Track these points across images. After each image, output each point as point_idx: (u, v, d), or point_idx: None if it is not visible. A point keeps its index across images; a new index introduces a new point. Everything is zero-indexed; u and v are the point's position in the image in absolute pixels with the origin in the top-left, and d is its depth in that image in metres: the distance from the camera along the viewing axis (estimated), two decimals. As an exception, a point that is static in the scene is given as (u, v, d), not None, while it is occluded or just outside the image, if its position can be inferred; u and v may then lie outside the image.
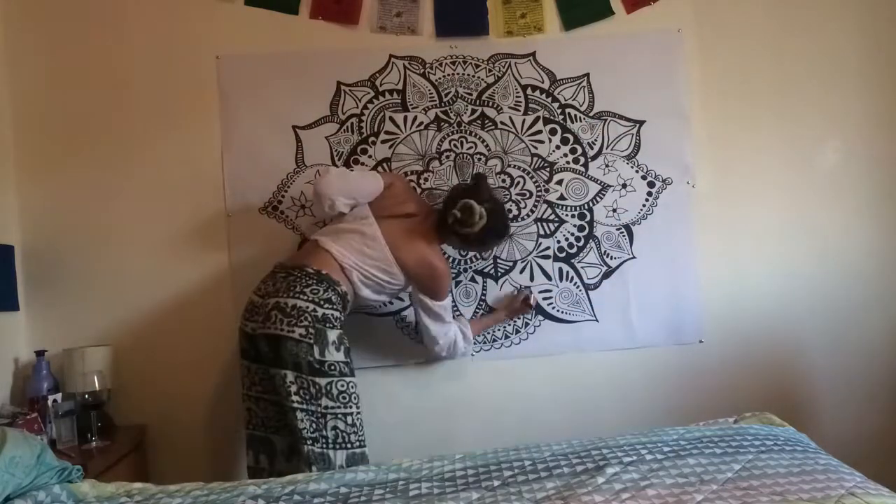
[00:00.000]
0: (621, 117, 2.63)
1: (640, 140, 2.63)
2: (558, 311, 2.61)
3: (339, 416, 2.07)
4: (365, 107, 2.57)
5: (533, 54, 2.61)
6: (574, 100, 2.62)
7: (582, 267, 2.62)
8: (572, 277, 2.61)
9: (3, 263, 2.34)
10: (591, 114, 2.63)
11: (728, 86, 2.67)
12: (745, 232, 2.67)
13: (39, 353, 2.31)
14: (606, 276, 2.62)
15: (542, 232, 2.61)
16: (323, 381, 2.05)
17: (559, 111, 2.62)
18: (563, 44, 2.63)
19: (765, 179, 2.68)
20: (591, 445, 1.72)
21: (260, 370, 2.15)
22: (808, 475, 1.44)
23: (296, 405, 2.03)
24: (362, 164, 2.56)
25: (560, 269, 2.61)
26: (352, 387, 2.11)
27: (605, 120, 2.63)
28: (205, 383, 2.53)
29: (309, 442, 2.03)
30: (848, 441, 2.50)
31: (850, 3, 2.71)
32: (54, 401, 2.19)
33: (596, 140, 2.63)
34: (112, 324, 2.48)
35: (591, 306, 2.61)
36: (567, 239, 2.62)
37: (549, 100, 2.62)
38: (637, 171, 2.63)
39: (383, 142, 2.57)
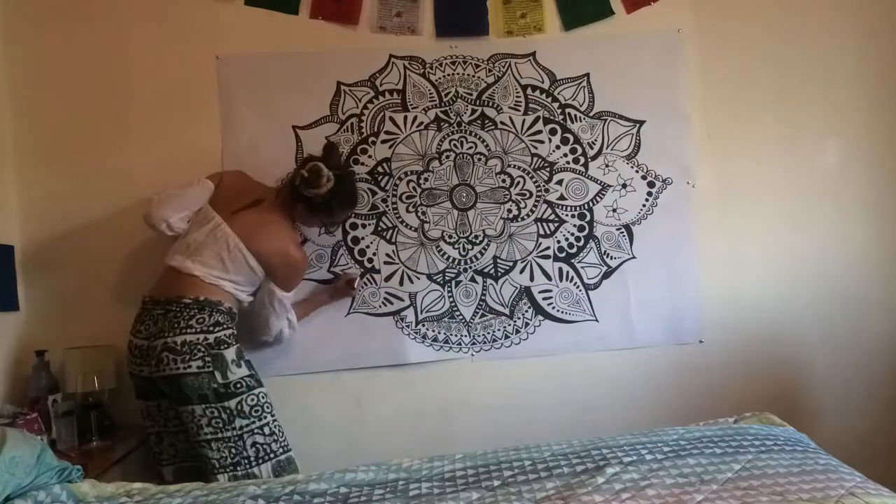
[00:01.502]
0: (621, 117, 2.63)
1: (640, 140, 2.63)
2: (558, 311, 2.61)
3: (256, 430, 2.06)
4: (365, 107, 2.57)
5: (533, 54, 2.61)
6: (574, 100, 2.62)
7: (582, 267, 2.62)
8: (572, 277, 2.61)
9: (3, 263, 2.34)
10: (591, 114, 2.63)
11: (728, 86, 2.67)
12: (745, 232, 2.67)
13: (39, 353, 2.31)
14: (606, 276, 2.62)
15: (542, 232, 2.61)
16: (233, 403, 2.04)
17: (559, 111, 2.62)
18: (563, 44, 2.63)
19: (765, 179, 2.68)
20: (591, 445, 1.72)
21: (173, 405, 2.12)
22: (808, 475, 1.44)
23: (209, 436, 2.02)
24: (362, 163, 2.56)
25: (560, 269, 2.61)
26: (262, 397, 2.11)
27: (605, 120, 2.63)
28: (205, 383, 2.52)
29: (229, 469, 2.01)
30: (848, 441, 2.50)
31: (850, 4, 2.71)
32: (54, 401, 2.19)
33: (596, 140, 2.63)
34: (112, 324, 2.48)
35: (591, 306, 2.61)
36: (567, 239, 2.62)
37: (549, 100, 2.62)
38: (637, 171, 2.63)
39: (383, 142, 2.57)
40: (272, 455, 2.08)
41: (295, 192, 2.23)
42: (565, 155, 2.62)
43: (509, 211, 2.60)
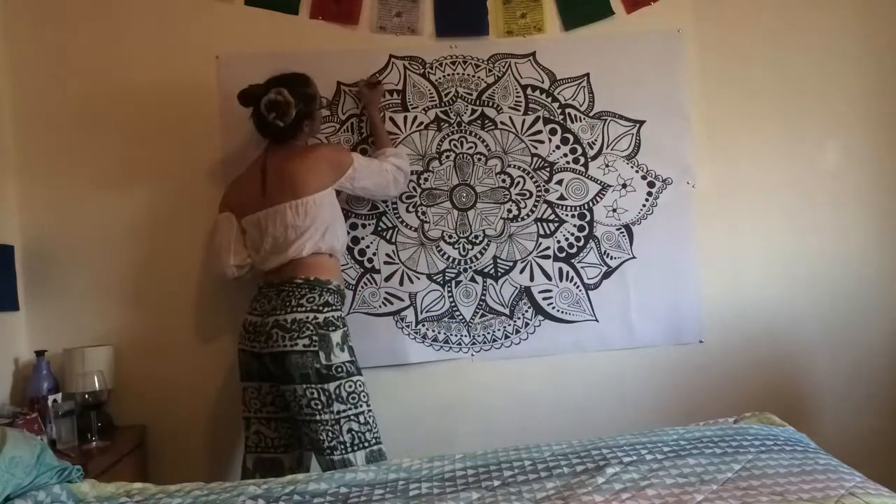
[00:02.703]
0: (621, 117, 2.63)
1: (640, 140, 2.63)
2: (558, 311, 2.61)
3: (352, 417, 2.08)
4: (365, 107, 2.57)
5: (533, 54, 2.61)
6: (574, 100, 2.62)
7: (582, 267, 2.62)
8: (572, 277, 2.61)
9: (3, 263, 2.34)
10: (591, 114, 2.63)
11: (728, 86, 2.67)
12: (746, 232, 2.67)
13: (39, 353, 2.31)
14: (606, 276, 2.62)
15: (542, 232, 2.61)
16: (332, 386, 2.06)
17: (559, 111, 2.62)
18: (563, 44, 2.63)
19: (765, 179, 2.68)
20: (591, 445, 1.72)
21: (273, 389, 2.16)
22: (808, 475, 1.44)
23: (308, 417, 2.05)
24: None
25: (560, 269, 2.61)
26: (360, 385, 2.12)
27: (605, 120, 2.63)
28: (205, 383, 2.53)
29: (326, 452, 2.05)
30: (848, 441, 2.50)
31: (850, 3, 2.71)
32: (54, 401, 2.19)
33: (596, 140, 2.63)
34: (112, 324, 2.48)
35: (591, 306, 2.61)
36: (567, 239, 2.62)
37: (549, 100, 2.62)
38: (637, 171, 2.63)
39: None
40: (366, 444, 2.10)
41: (283, 130, 2.21)
42: (565, 155, 2.62)
43: (509, 211, 2.60)
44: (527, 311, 2.59)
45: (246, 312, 2.22)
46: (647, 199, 2.63)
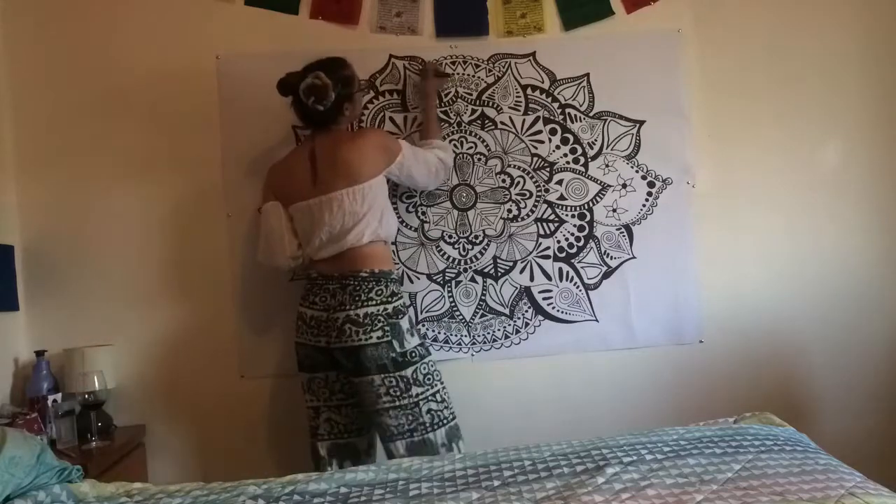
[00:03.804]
0: (621, 117, 2.63)
1: (640, 140, 2.63)
2: (558, 311, 2.61)
3: (430, 397, 2.12)
4: (365, 107, 2.57)
5: (533, 54, 2.61)
6: (574, 100, 2.62)
7: (582, 267, 2.62)
8: (572, 277, 2.61)
9: (3, 263, 2.34)
10: (591, 114, 2.63)
11: (728, 86, 2.67)
12: (746, 232, 2.67)
13: (39, 353, 2.31)
14: (606, 276, 2.62)
15: (542, 232, 2.61)
16: (409, 372, 2.10)
17: (559, 111, 2.62)
18: (563, 44, 2.63)
19: (765, 179, 2.68)
20: (591, 445, 1.71)
21: (341, 377, 2.18)
22: (808, 475, 1.44)
23: (388, 405, 2.08)
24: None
25: (560, 269, 2.61)
26: (432, 365, 2.16)
27: (605, 120, 2.63)
28: (205, 383, 2.53)
29: (406, 436, 2.08)
30: (848, 441, 2.50)
31: (850, 3, 2.71)
32: (54, 401, 2.19)
33: (596, 140, 2.63)
34: (112, 324, 2.48)
35: (591, 306, 2.61)
36: (567, 239, 2.61)
37: (549, 100, 2.61)
38: (637, 171, 2.63)
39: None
40: (444, 421, 2.14)
41: (325, 114, 2.21)
42: (565, 155, 2.62)
43: (509, 211, 2.60)
44: (527, 311, 2.59)
45: (302, 306, 2.20)
46: (647, 199, 2.63)
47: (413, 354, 2.11)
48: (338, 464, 2.19)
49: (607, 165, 2.63)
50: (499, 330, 2.60)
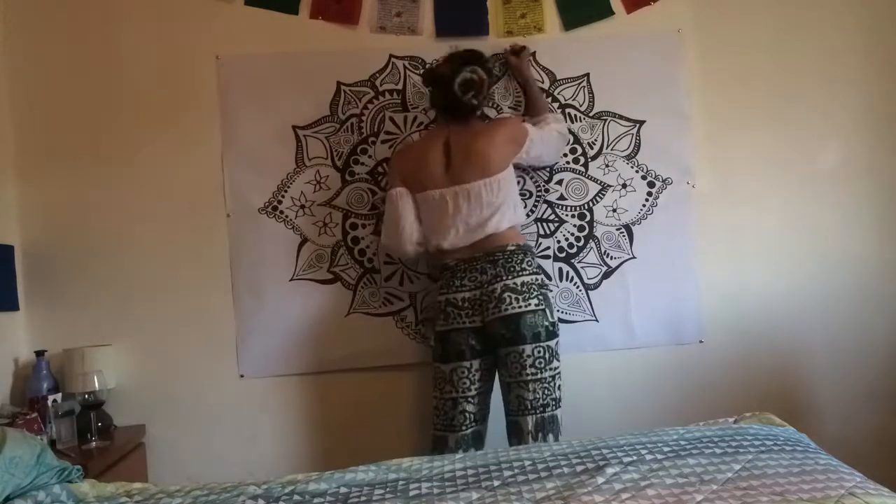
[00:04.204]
0: (621, 117, 2.63)
1: (640, 140, 2.63)
2: (558, 311, 2.60)
3: (559, 373, 2.19)
4: (365, 107, 2.57)
5: (533, 54, 2.61)
6: (574, 100, 2.62)
7: (582, 267, 2.61)
8: (572, 277, 2.61)
9: (3, 263, 2.34)
10: (591, 114, 2.63)
11: (728, 86, 2.67)
12: (746, 232, 2.67)
13: (39, 353, 2.31)
14: (606, 276, 2.62)
15: (542, 232, 2.61)
16: (554, 343, 2.17)
17: (559, 111, 2.61)
18: (563, 44, 2.63)
19: (765, 179, 2.68)
20: (591, 445, 1.71)
21: (483, 363, 2.21)
22: (808, 475, 1.44)
23: (530, 377, 2.12)
24: (362, 163, 2.56)
25: (560, 269, 2.61)
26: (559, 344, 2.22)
27: (605, 120, 2.63)
28: (205, 383, 2.53)
29: (538, 410, 2.12)
30: (848, 441, 2.50)
31: (849, 3, 2.71)
32: (54, 401, 2.19)
33: (596, 140, 2.63)
34: (112, 324, 2.48)
35: (591, 306, 2.61)
36: (567, 239, 2.61)
37: (549, 100, 2.61)
38: (637, 171, 2.63)
39: (383, 142, 2.57)
40: (561, 403, 2.19)
41: (475, 108, 2.27)
42: (565, 155, 2.61)
43: (509, 211, 2.60)
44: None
45: (447, 293, 2.22)
46: (647, 199, 2.63)
47: (557, 326, 2.19)
48: (464, 451, 2.20)
49: (607, 165, 2.63)
50: (499, 330, 2.59)
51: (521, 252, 2.20)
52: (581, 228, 2.62)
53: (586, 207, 2.62)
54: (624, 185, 2.63)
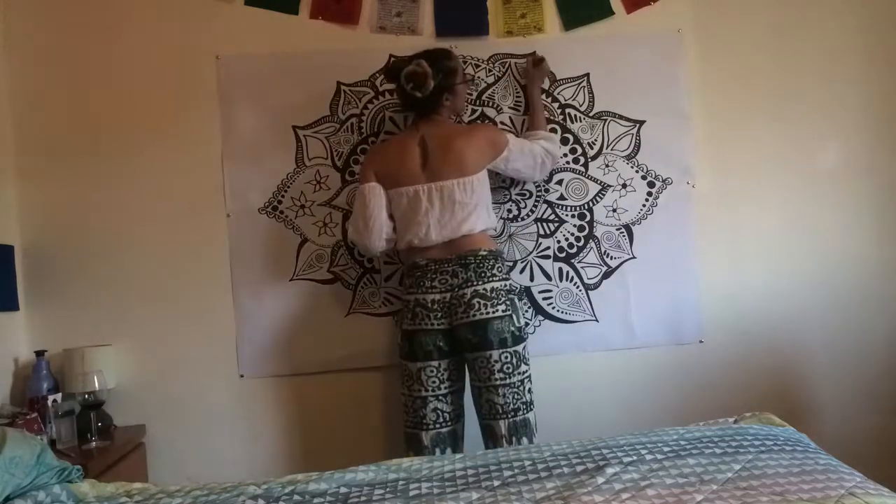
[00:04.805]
0: (621, 117, 2.63)
1: (640, 140, 2.63)
2: (558, 311, 2.60)
3: (528, 377, 2.20)
4: (365, 107, 2.57)
5: (532, 54, 2.61)
6: (574, 100, 2.62)
7: (582, 267, 2.61)
8: (572, 277, 2.61)
9: (3, 263, 2.34)
10: (591, 114, 2.63)
11: (728, 86, 2.67)
12: (746, 232, 2.68)
13: (39, 353, 2.31)
14: (606, 276, 2.62)
15: (542, 232, 2.61)
16: (521, 347, 2.18)
17: (559, 111, 2.62)
18: (563, 44, 2.63)
19: (765, 179, 2.68)
20: (591, 445, 1.71)
21: (451, 363, 2.21)
22: (808, 475, 1.44)
23: (498, 382, 2.13)
24: (362, 163, 2.56)
25: (560, 269, 2.61)
26: (528, 347, 2.23)
27: (605, 120, 2.63)
28: (205, 383, 2.53)
29: (510, 415, 2.13)
30: (848, 441, 2.50)
31: (849, 3, 2.71)
32: (54, 401, 2.19)
33: (596, 140, 2.63)
34: (112, 324, 2.48)
35: (591, 306, 2.61)
36: (567, 239, 2.61)
37: (549, 100, 2.61)
38: (637, 171, 2.63)
39: (383, 142, 2.57)
40: (534, 405, 2.20)
41: (423, 102, 2.25)
42: (565, 155, 2.61)
43: (509, 211, 2.60)
44: (527, 312, 2.59)
45: (416, 293, 2.21)
46: (647, 199, 2.63)
47: (524, 332, 2.20)
48: (440, 451, 2.21)
49: (607, 165, 2.63)
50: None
51: (492, 257, 2.20)
52: (581, 228, 2.62)
53: (586, 207, 2.62)
54: (624, 185, 2.63)
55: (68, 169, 2.50)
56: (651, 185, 2.64)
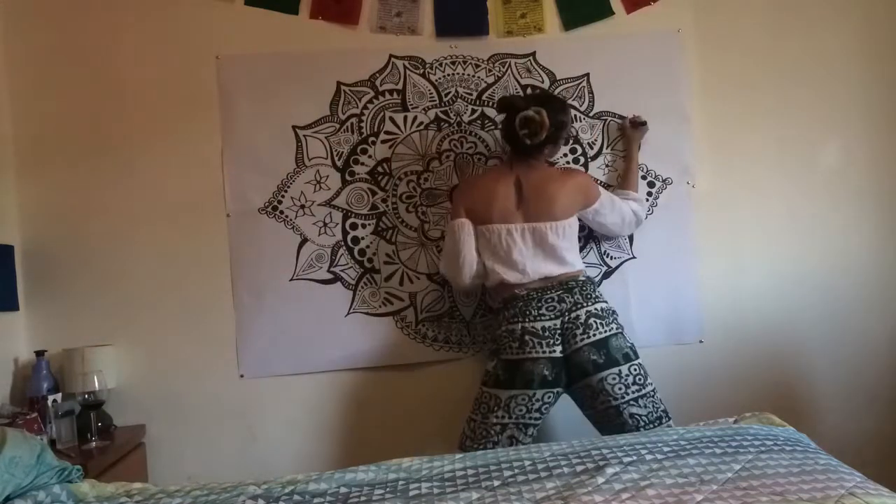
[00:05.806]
0: (621, 117, 2.63)
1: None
2: (558, 311, 2.60)
3: (656, 388, 2.21)
4: (365, 107, 2.57)
5: (533, 54, 2.61)
6: (574, 100, 2.62)
7: (582, 267, 2.61)
8: (572, 277, 2.61)
9: (3, 263, 2.34)
10: (591, 114, 2.63)
11: (728, 86, 2.67)
12: (745, 232, 2.68)
13: (39, 353, 2.31)
14: (606, 276, 2.62)
15: (542, 232, 2.61)
16: (640, 361, 2.21)
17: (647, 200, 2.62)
18: (563, 44, 2.63)
19: (765, 179, 2.68)
20: (591, 445, 1.72)
21: (546, 396, 2.18)
22: (808, 475, 1.44)
23: (636, 394, 2.15)
24: (362, 163, 2.56)
25: (560, 269, 2.61)
26: None
27: (605, 120, 2.63)
28: (205, 383, 2.53)
29: (654, 424, 2.16)
30: (848, 441, 2.50)
31: (849, 3, 2.71)
32: (54, 401, 2.19)
33: (596, 140, 2.63)
34: (112, 324, 2.48)
35: (591, 306, 2.61)
36: (567, 239, 2.61)
37: (549, 100, 2.61)
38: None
39: (383, 142, 2.57)
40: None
41: (528, 148, 2.26)
42: (565, 155, 2.61)
43: (509, 211, 2.60)
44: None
45: (522, 322, 2.17)
46: (646, 199, 2.63)
47: (635, 347, 2.23)
48: None
49: (607, 165, 2.63)
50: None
51: (591, 283, 2.26)
52: (581, 228, 2.62)
53: (586, 207, 2.62)
54: (624, 185, 2.63)
55: (68, 169, 2.50)
56: (651, 185, 2.64)
